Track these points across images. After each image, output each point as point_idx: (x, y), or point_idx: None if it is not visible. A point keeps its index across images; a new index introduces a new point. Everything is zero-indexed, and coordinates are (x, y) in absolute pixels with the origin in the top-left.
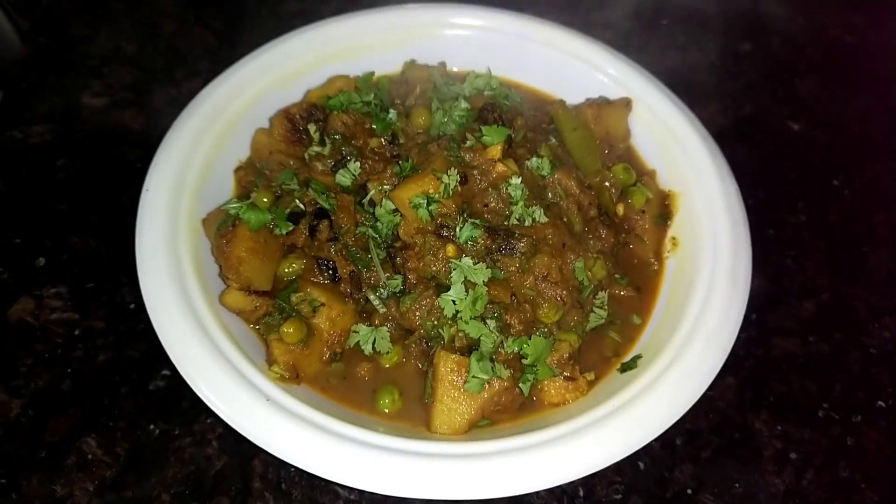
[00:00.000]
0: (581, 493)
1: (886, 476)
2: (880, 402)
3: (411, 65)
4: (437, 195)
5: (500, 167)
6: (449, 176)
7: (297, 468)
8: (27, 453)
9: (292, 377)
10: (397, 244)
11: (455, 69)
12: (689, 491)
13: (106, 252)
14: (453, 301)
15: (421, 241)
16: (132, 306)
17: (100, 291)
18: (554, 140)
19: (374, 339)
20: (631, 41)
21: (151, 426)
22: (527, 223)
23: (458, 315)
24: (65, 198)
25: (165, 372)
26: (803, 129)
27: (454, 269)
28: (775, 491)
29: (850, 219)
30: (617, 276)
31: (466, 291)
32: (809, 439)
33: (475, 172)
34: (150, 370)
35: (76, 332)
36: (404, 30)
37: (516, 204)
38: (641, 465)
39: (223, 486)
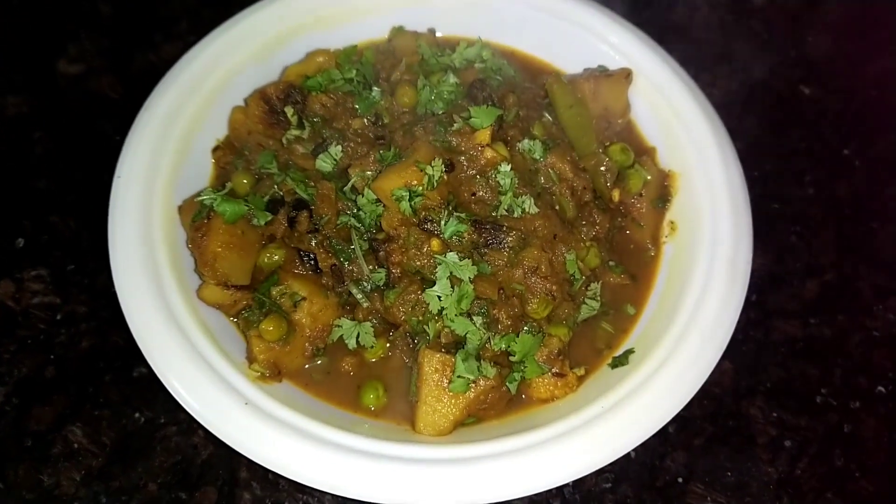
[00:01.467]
0: (570, 483)
1: (883, 465)
2: (880, 388)
3: (398, 31)
4: (420, 188)
5: (488, 153)
6: (433, 167)
7: None
8: (12, 442)
9: (273, 375)
10: (380, 236)
11: (447, 35)
12: (680, 479)
13: (86, 233)
14: (438, 297)
15: (405, 234)
16: (113, 290)
17: (81, 274)
18: (548, 116)
19: (358, 334)
20: None
21: (136, 414)
22: (516, 214)
23: (444, 312)
24: (43, 175)
25: None
26: (815, 94)
27: (439, 265)
28: (768, 480)
29: (859, 193)
30: (611, 263)
31: (452, 287)
32: (805, 427)
33: (462, 159)
34: (133, 357)
35: (58, 317)
36: None
37: (505, 194)
38: (632, 453)
39: (210, 475)
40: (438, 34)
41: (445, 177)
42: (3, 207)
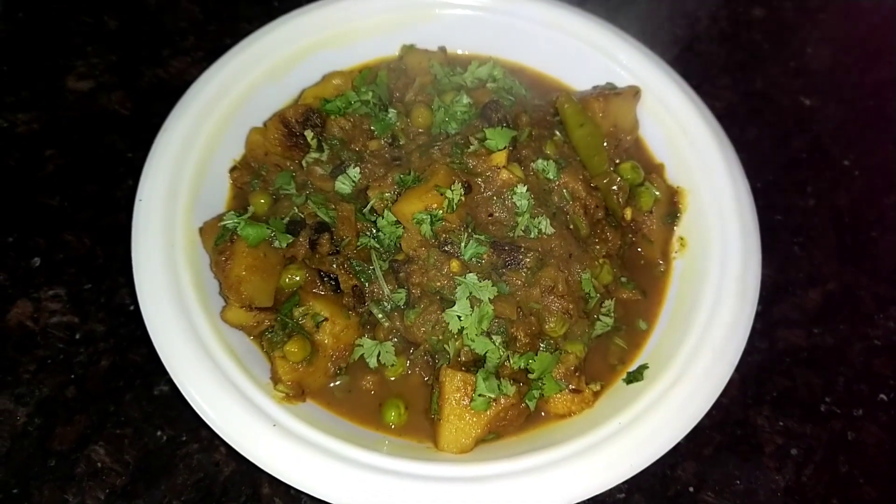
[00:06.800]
0: None
1: (886, 471)
2: (882, 396)
3: (410, 49)
4: (440, 211)
5: (504, 174)
6: (453, 191)
7: None
8: (36, 462)
9: (297, 395)
10: (400, 256)
11: (458, 51)
12: (691, 489)
13: (102, 251)
14: (458, 317)
15: (425, 255)
16: (132, 308)
17: (98, 293)
18: (559, 135)
19: (379, 353)
20: (638, 6)
21: (158, 432)
22: (532, 234)
23: (464, 331)
24: (56, 192)
25: (169, 377)
26: (815, 105)
27: (459, 286)
28: (775, 487)
29: (859, 202)
30: (623, 279)
31: (471, 307)
32: (811, 434)
33: (479, 180)
34: (153, 375)
35: (77, 337)
36: (401, 11)
37: (522, 215)
38: None
39: (233, 491)
40: (448, 51)
41: (464, 198)
42: (18, 225)
